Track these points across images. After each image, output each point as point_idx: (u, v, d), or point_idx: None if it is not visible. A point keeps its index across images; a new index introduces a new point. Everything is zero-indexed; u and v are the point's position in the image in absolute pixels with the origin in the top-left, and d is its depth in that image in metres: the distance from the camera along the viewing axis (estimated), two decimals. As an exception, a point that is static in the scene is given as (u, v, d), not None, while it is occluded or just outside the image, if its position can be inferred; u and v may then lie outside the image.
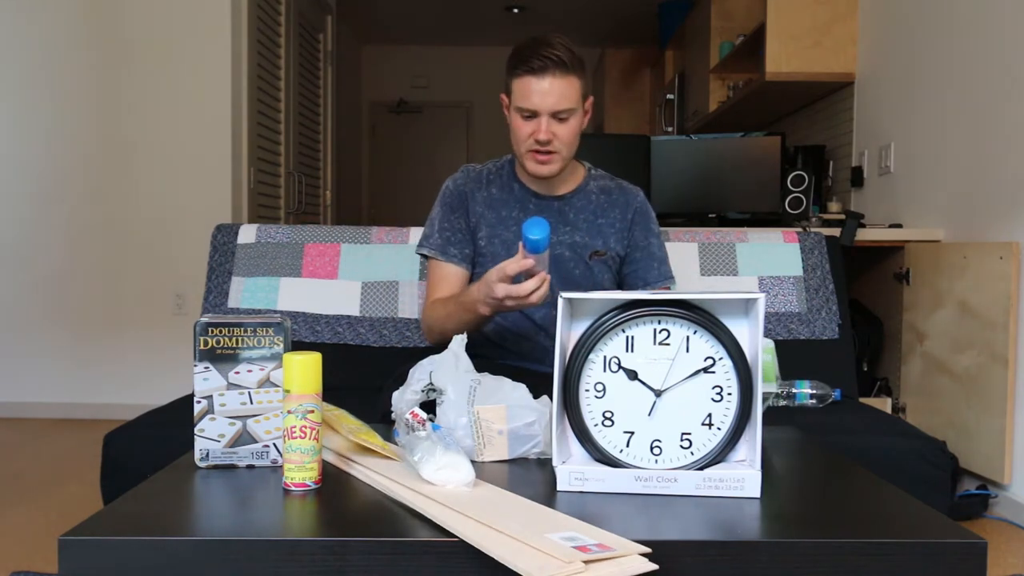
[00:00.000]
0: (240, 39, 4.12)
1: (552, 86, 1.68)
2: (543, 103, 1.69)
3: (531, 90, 1.69)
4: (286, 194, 4.78)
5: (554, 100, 1.69)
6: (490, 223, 1.85)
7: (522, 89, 1.71)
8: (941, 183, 3.03)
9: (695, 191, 3.68)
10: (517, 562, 0.80)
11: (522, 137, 1.75)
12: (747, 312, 1.08)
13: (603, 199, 1.88)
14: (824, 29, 3.72)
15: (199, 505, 1.02)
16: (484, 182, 1.89)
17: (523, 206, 1.85)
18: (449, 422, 1.20)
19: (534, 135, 1.72)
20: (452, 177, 1.91)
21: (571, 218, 1.86)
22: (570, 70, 1.69)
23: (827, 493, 1.11)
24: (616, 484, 1.05)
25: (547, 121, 1.70)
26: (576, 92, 1.71)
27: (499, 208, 1.86)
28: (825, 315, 2.28)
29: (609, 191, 1.90)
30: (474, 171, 1.91)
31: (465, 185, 1.88)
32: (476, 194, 1.87)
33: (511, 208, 1.86)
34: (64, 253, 4.09)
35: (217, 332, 1.13)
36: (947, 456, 1.84)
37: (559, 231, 1.84)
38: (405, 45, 7.92)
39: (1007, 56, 2.64)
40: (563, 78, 1.68)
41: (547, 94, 1.68)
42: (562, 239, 1.84)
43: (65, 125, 4.07)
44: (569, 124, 1.72)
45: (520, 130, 1.75)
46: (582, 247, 1.85)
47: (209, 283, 2.32)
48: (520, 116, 1.73)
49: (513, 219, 1.85)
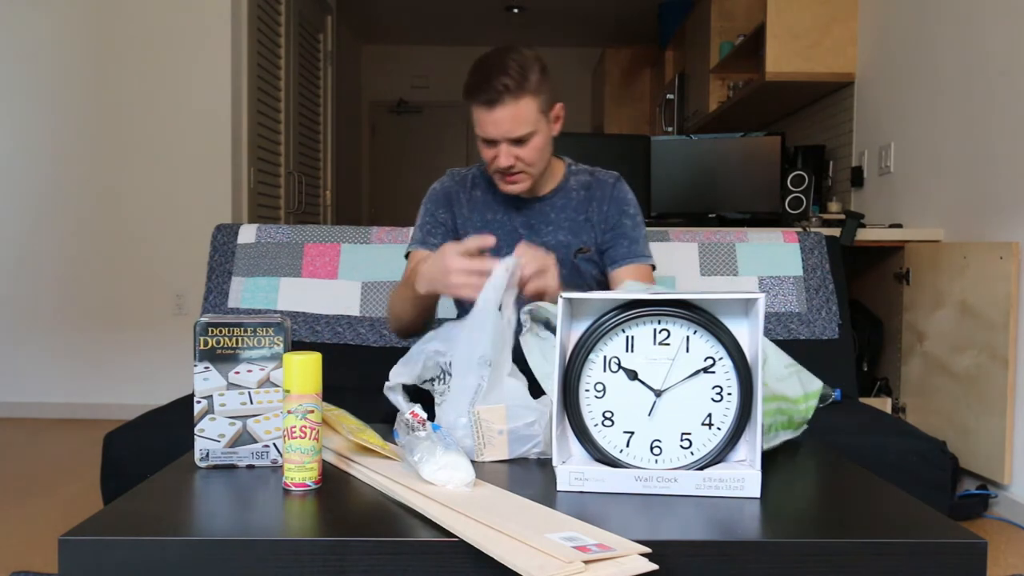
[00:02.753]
0: (240, 39, 4.12)
1: (504, 114, 1.64)
2: (498, 132, 1.66)
3: (485, 121, 1.66)
4: (286, 194, 4.78)
5: (508, 128, 1.66)
6: (476, 226, 1.84)
7: (478, 119, 1.68)
8: (941, 183, 3.03)
9: (695, 191, 3.68)
10: (517, 562, 0.80)
11: (487, 161, 1.74)
12: (747, 312, 1.08)
13: (583, 195, 1.86)
14: (824, 29, 3.72)
15: (199, 505, 1.02)
16: (469, 185, 1.88)
17: (506, 209, 1.84)
18: (449, 421, 1.20)
19: (496, 161, 1.70)
20: (439, 180, 1.92)
21: (553, 218, 1.85)
22: (523, 92, 1.64)
23: (827, 493, 1.11)
24: (616, 484, 1.05)
25: (506, 147, 1.68)
26: (533, 112, 1.67)
27: (484, 211, 1.85)
28: (825, 315, 2.28)
29: (588, 185, 1.87)
30: (459, 174, 1.91)
31: (452, 187, 1.88)
32: (461, 196, 1.87)
33: (495, 211, 1.85)
34: (64, 253, 4.09)
35: (217, 332, 1.13)
36: (947, 456, 1.84)
37: (542, 231, 1.83)
38: (405, 45, 7.92)
39: (1007, 56, 2.64)
40: (516, 104, 1.64)
41: (500, 123, 1.65)
42: (546, 239, 1.83)
43: (65, 125, 4.07)
44: (531, 144, 1.69)
45: (484, 154, 1.73)
46: (566, 246, 1.83)
47: (209, 283, 2.32)
48: (481, 141, 1.72)
49: (498, 222, 1.84)
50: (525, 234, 1.83)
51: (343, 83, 6.58)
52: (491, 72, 1.64)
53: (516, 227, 1.84)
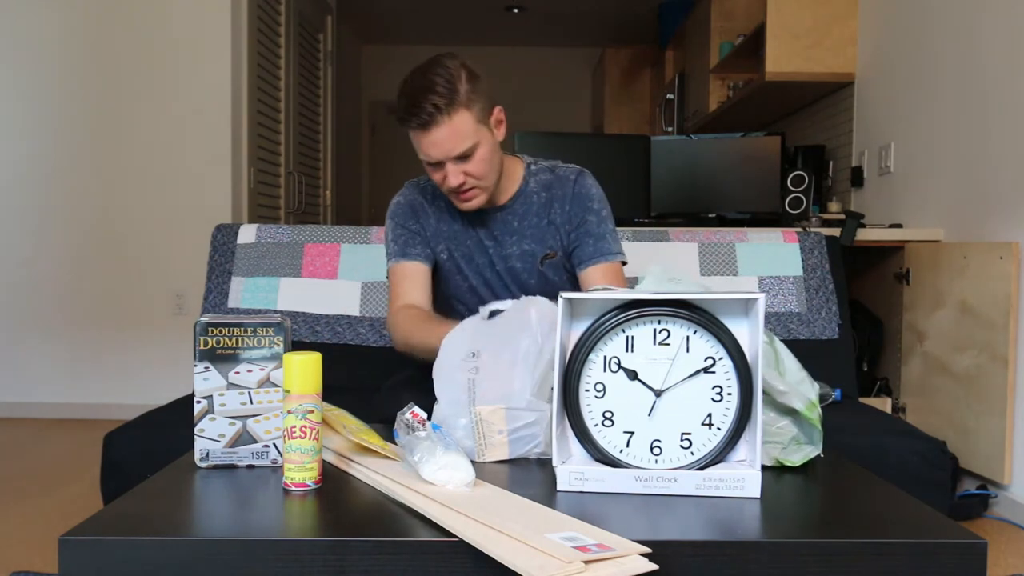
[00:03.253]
0: (240, 39, 4.12)
1: (440, 135, 1.59)
2: (439, 153, 1.61)
3: (423, 144, 1.62)
4: (286, 194, 4.78)
5: (448, 147, 1.60)
6: (445, 236, 1.81)
7: (416, 142, 1.63)
8: (941, 183, 3.03)
9: (695, 191, 3.68)
10: (517, 562, 0.80)
11: (437, 183, 1.69)
12: (747, 312, 1.08)
13: (544, 196, 1.79)
14: (824, 29, 3.72)
15: (199, 505, 1.02)
16: (431, 196, 1.83)
17: (470, 220, 1.79)
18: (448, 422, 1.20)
19: (446, 181, 1.66)
20: (400, 192, 1.87)
21: (516, 226, 1.79)
22: (455, 108, 1.57)
23: (827, 493, 1.11)
24: (616, 484, 1.05)
25: (451, 166, 1.63)
26: (470, 125, 1.60)
27: (450, 222, 1.81)
28: (825, 315, 2.28)
29: (549, 185, 1.79)
30: (418, 185, 1.86)
31: (415, 198, 1.84)
32: (426, 207, 1.82)
33: (460, 222, 1.80)
34: (64, 253, 4.09)
35: (217, 332, 1.13)
36: (947, 456, 1.84)
37: (506, 243, 1.79)
38: (405, 45, 7.92)
39: (1007, 56, 2.64)
40: (450, 122, 1.58)
41: (440, 144, 1.60)
42: (511, 251, 1.78)
43: (65, 125, 4.07)
44: (477, 157, 1.63)
45: (432, 177, 1.69)
46: (531, 255, 1.78)
47: (209, 283, 2.32)
48: (427, 164, 1.67)
49: (464, 233, 1.80)
50: (491, 246, 1.79)
51: (343, 83, 6.58)
52: (417, 94, 1.58)
53: (481, 239, 1.80)
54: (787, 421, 1.19)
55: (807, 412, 1.17)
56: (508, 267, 1.79)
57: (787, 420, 1.19)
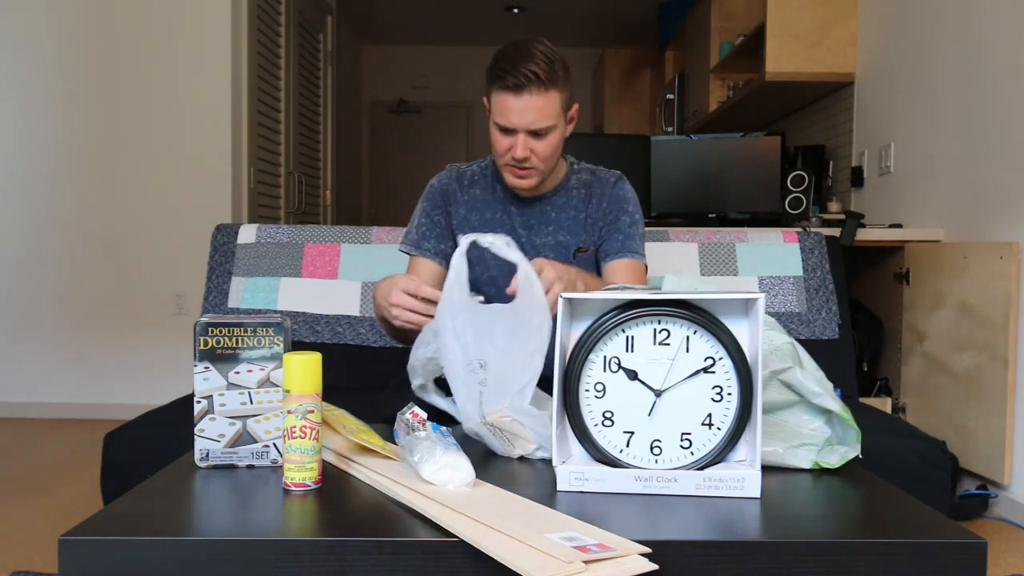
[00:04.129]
0: (240, 39, 4.12)
1: (529, 104, 1.62)
2: (520, 121, 1.64)
3: (508, 108, 1.64)
4: (286, 194, 4.78)
5: (532, 118, 1.63)
6: (472, 226, 1.82)
7: (500, 105, 1.65)
8: (941, 183, 3.03)
9: (695, 191, 3.68)
10: (517, 562, 0.80)
11: (500, 151, 1.71)
12: (747, 312, 1.08)
13: (583, 193, 1.85)
14: (824, 29, 3.72)
15: (199, 505, 1.02)
16: (468, 183, 1.86)
17: (505, 208, 1.83)
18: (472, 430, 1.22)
19: (511, 151, 1.68)
20: (438, 175, 1.90)
21: (553, 217, 1.83)
22: (550, 85, 1.62)
23: (827, 493, 1.11)
24: (616, 484, 1.05)
25: (524, 138, 1.66)
26: (556, 107, 1.65)
27: (482, 210, 1.84)
28: (825, 315, 2.28)
29: (589, 184, 1.85)
30: (459, 171, 1.89)
31: (450, 184, 1.86)
32: (459, 195, 1.85)
33: (494, 210, 1.83)
34: (64, 253, 4.09)
35: (217, 332, 1.13)
36: (947, 456, 1.84)
37: (542, 232, 1.82)
38: (405, 45, 7.92)
39: (1007, 56, 2.64)
40: (542, 95, 1.62)
41: (524, 112, 1.63)
42: (546, 240, 1.82)
43: (65, 125, 4.07)
44: (548, 139, 1.67)
45: (498, 143, 1.71)
46: (566, 246, 1.82)
47: (209, 283, 2.32)
48: (498, 129, 1.69)
49: (497, 221, 1.82)
50: (524, 234, 1.82)
51: (343, 83, 6.58)
52: (520, 59, 1.61)
53: (515, 227, 1.83)
54: (820, 422, 1.19)
55: (843, 413, 1.17)
56: (542, 256, 1.80)
57: (820, 421, 1.19)
